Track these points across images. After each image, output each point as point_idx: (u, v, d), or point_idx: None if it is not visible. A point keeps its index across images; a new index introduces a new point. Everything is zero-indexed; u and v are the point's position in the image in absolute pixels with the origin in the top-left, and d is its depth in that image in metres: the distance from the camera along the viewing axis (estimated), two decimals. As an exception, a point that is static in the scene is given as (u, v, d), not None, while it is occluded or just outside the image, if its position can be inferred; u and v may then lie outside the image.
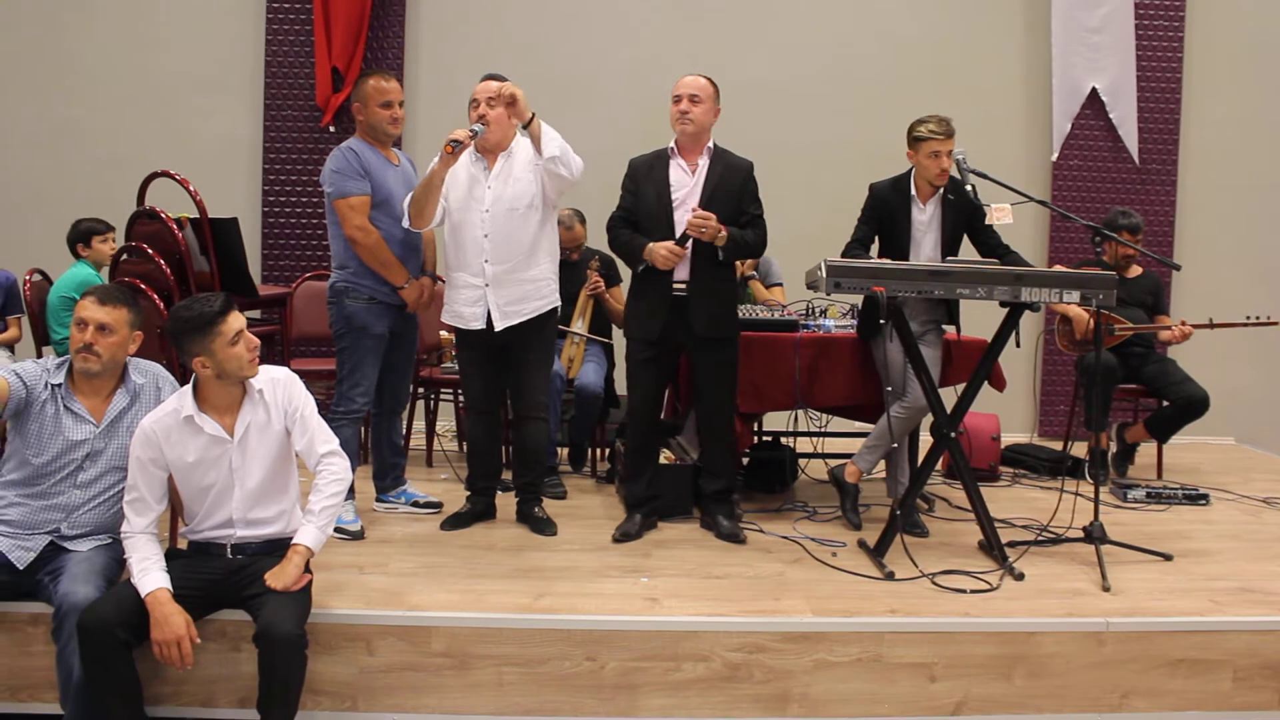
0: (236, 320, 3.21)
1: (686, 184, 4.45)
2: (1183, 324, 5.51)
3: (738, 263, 5.37)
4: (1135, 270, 5.78)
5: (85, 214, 5.67)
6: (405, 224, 4.33)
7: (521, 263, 4.34)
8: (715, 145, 4.50)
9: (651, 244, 4.37)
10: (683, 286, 4.39)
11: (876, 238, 4.68)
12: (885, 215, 4.61)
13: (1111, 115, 6.96)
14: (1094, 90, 6.94)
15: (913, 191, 4.60)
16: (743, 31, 6.94)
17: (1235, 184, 7.12)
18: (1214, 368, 6.39)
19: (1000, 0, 7.04)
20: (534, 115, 4.23)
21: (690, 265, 4.38)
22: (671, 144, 4.52)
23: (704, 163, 4.46)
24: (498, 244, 4.31)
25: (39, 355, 5.33)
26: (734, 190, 4.44)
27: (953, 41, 6.99)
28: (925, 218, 4.60)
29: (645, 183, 4.49)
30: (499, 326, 4.34)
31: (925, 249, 4.60)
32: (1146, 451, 5.93)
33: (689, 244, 4.34)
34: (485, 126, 4.26)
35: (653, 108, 6.42)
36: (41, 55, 6.75)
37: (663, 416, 5.27)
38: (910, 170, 4.63)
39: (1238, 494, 5.46)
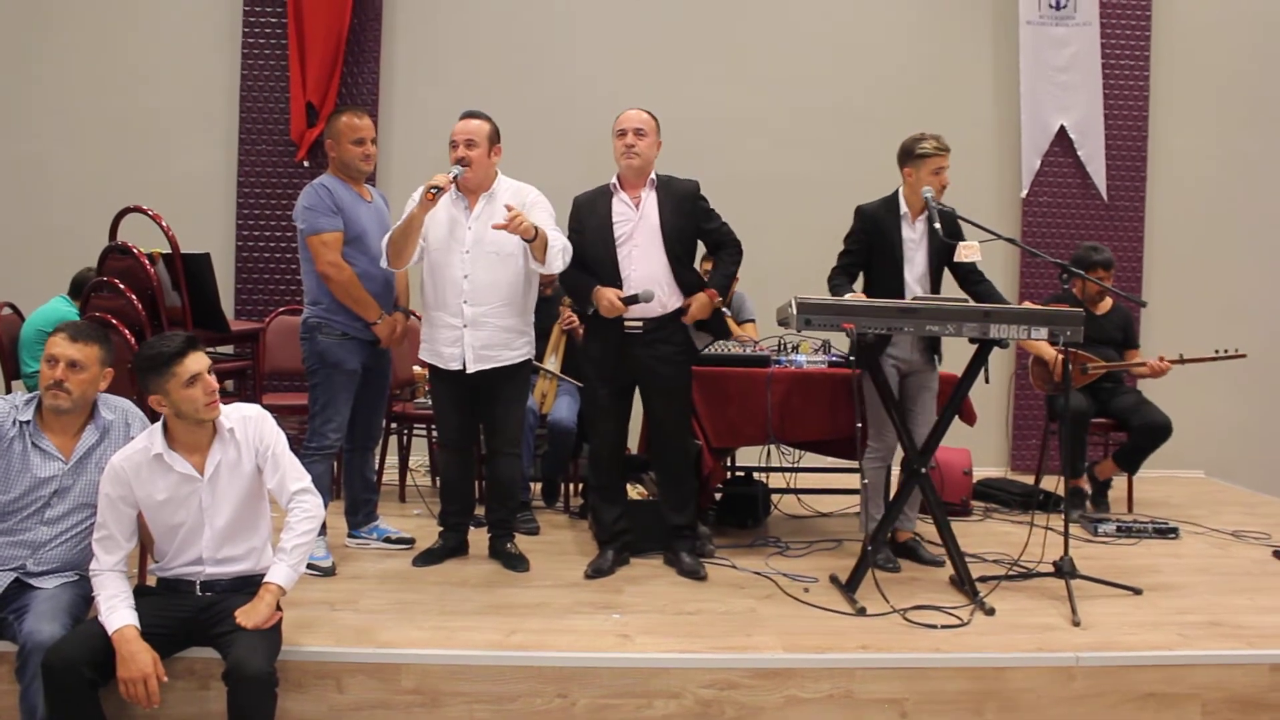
0: (195, 363, 3.18)
1: (631, 218, 4.45)
2: (1161, 359, 5.56)
3: (715, 297, 5.41)
4: (1106, 305, 5.84)
5: (59, 249, 5.66)
6: (384, 264, 4.33)
7: (500, 308, 4.34)
8: (657, 175, 4.51)
9: (600, 288, 4.38)
10: (637, 325, 4.40)
11: (864, 263, 4.69)
12: (876, 235, 4.63)
13: (1080, 152, 7.05)
14: (1062, 128, 7.04)
15: (903, 209, 4.64)
16: (719, 68, 7.01)
17: (1202, 220, 7.22)
18: (1184, 401, 6.45)
19: (970, 39, 7.15)
20: (538, 231, 4.21)
21: (642, 305, 4.38)
22: (614, 179, 4.52)
23: (648, 195, 4.47)
24: (477, 286, 4.31)
25: (8, 390, 5.29)
26: (686, 215, 4.47)
27: (924, 80, 7.08)
28: (916, 235, 4.64)
29: (589, 220, 4.50)
30: (470, 369, 4.34)
31: (918, 265, 4.64)
32: (1118, 485, 5.97)
33: (635, 303, 4.35)
34: (466, 168, 4.27)
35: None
36: (14, 89, 6.74)
37: (636, 452, 5.28)
38: (897, 190, 4.68)
39: (1207, 527, 5.50)
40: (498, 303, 4.34)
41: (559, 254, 4.28)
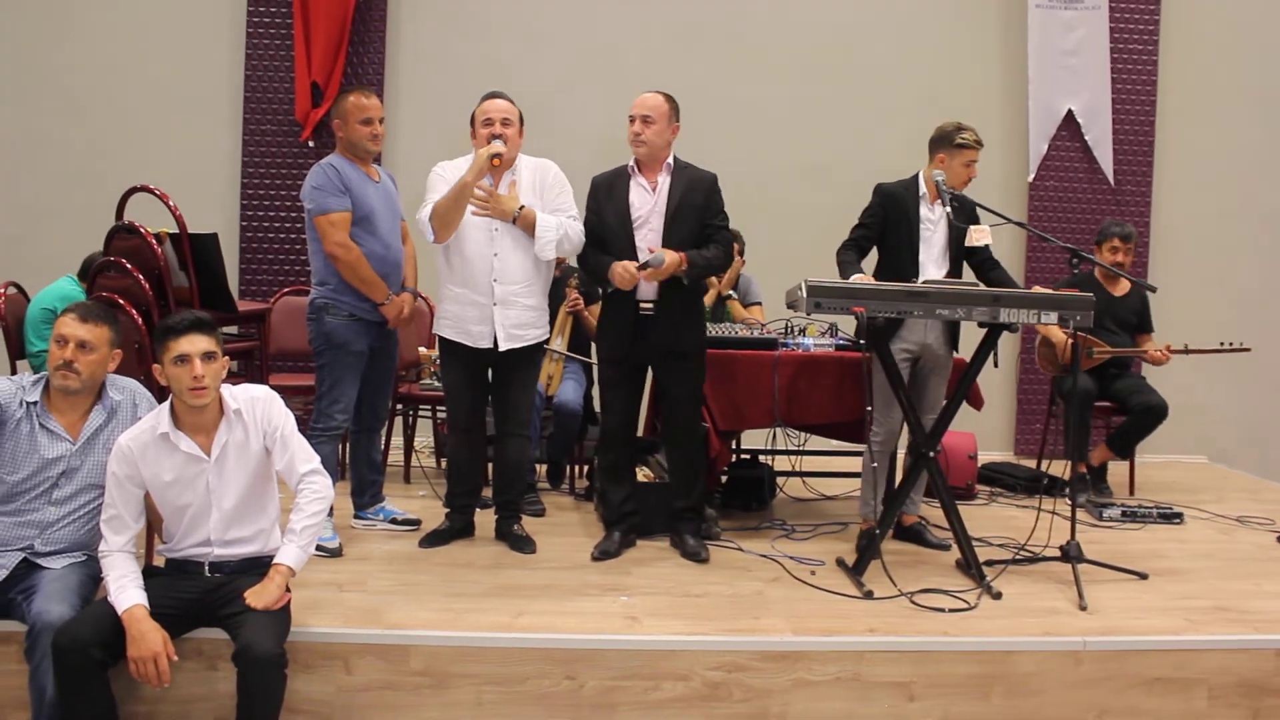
0: (189, 344, 3.16)
1: (647, 203, 4.43)
2: (1168, 347, 5.57)
3: (715, 281, 5.38)
4: (1123, 287, 5.83)
5: (64, 229, 5.65)
6: (429, 238, 4.31)
7: (527, 287, 4.35)
8: (676, 160, 4.48)
9: (616, 263, 4.36)
10: (650, 306, 4.38)
11: (877, 240, 4.67)
12: (895, 212, 4.61)
13: (1087, 137, 7.03)
14: (1070, 112, 7.01)
15: (923, 190, 4.62)
16: (726, 52, 6.97)
17: (1209, 205, 7.20)
18: (1187, 387, 6.45)
19: (978, 23, 7.11)
20: (521, 208, 4.26)
21: (657, 284, 4.35)
22: (631, 161, 4.50)
23: (664, 180, 4.44)
24: (507, 263, 4.30)
25: (13, 371, 5.28)
26: (697, 206, 4.42)
27: (932, 63, 7.04)
28: (935, 216, 4.61)
29: (606, 202, 4.48)
30: (503, 347, 4.33)
31: (935, 247, 4.61)
32: (1120, 470, 5.97)
33: (647, 269, 4.30)
34: (505, 144, 4.27)
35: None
36: (21, 68, 6.71)
37: (641, 434, 5.28)
38: (918, 173, 4.67)
39: (1211, 512, 5.50)
40: (525, 281, 4.34)
41: (551, 244, 4.28)
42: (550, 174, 4.43)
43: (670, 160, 4.47)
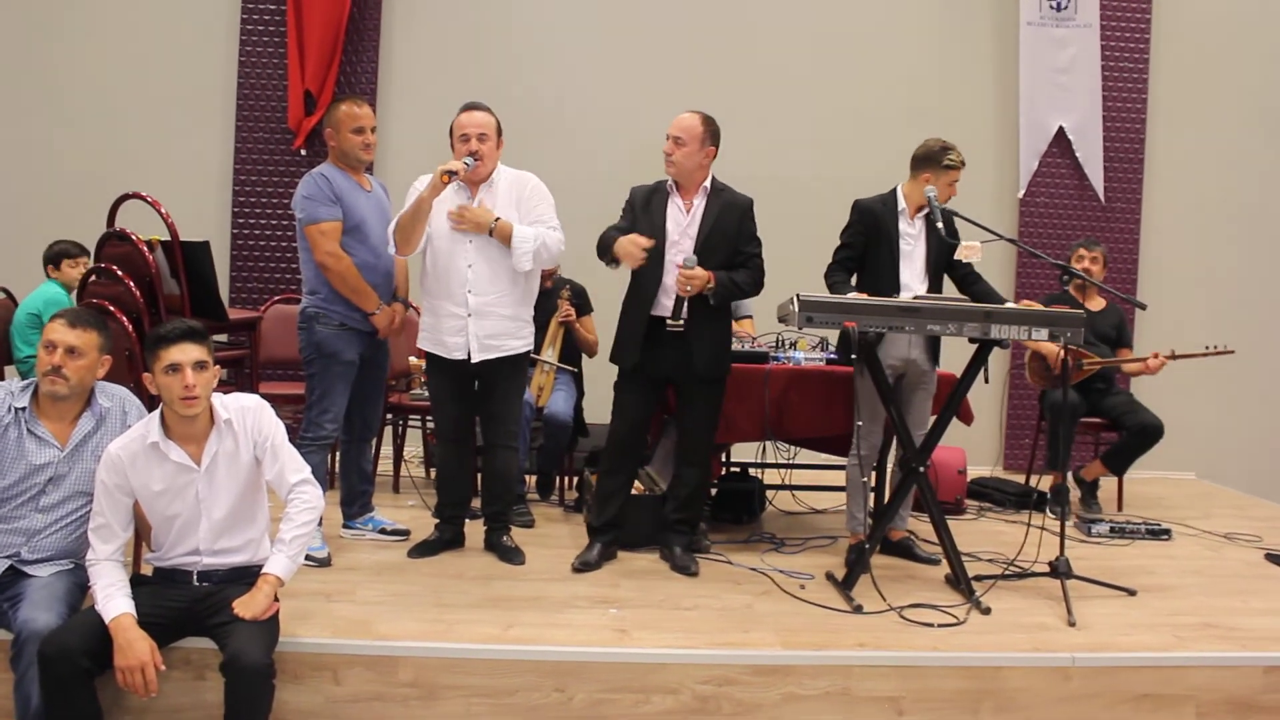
0: (180, 353, 3.14)
1: (681, 223, 4.41)
2: (1155, 355, 5.59)
3: (710, 281, 5.38)
4: (1099, 303, 5.85)
5: (55, 234, 5.63)
6: (391, 250, 4.33)
7: (503, 297, 4.34)
8: (714, 182, 4.45)
9: (623, 238, 4.31)
10: (679, 324, 4.31)
11: (861, 258, 4.67)
12: (873, 229, 4.61)
13: (1078, 154, 7.06)
14: (1061, 129, 7.05)
15: (901, 205, 4.62)
16: (717, 65, 6.98)
17: (1198, 223, 7.24)
18: (1174, 403, 6.47)
19: (970, 39, 7.15)
20: (497, 220, 4.26)
21: (688, 304, 4.30)
22: (670, 180, 4.48)
23: (699, 203, 4.42)
24: (481, 275, 4.30)
25: (1, 376, 5.26)
26: (730, 231, 4.40)
27: (923, 79, 7.07)
28: (914, 231, 4.62)
29: (642, 215, 4.45)
30: (475, 359, 4.33)
31: (916, 262, 4.62)
32: (1109, 486, 5.98)
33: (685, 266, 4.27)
34: (478, 160, 4.26)
35: (626, 138, 6.47)
36: (12, 76, 6.69)
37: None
38: (896, 187, 4.67)
39: (1199, 529, 5.52)
40: (501, 292, 4.33)
41: (528, 255, 4.26)
42: (528, 186, 4.42)
43: (708, 183, 4.44)
